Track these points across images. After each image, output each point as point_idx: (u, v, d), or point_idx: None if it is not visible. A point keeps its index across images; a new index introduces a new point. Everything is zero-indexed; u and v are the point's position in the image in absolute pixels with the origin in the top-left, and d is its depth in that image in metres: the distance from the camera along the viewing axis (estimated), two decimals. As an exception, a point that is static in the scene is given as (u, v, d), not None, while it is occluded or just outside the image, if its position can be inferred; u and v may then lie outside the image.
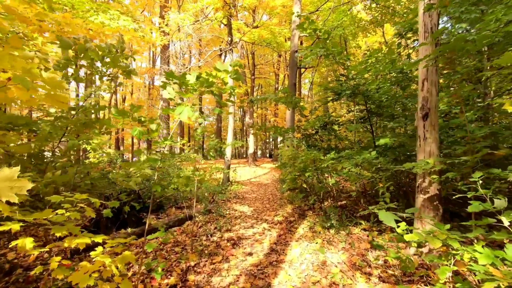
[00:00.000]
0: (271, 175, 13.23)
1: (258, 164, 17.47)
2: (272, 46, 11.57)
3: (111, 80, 3.27)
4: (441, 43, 3.29)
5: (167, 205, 6.34)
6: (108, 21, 6.11)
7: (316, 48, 4.61)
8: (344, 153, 4.86)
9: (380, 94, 4.67)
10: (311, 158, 4.52)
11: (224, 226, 4.97)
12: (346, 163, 4.49)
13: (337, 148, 6.07)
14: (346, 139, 5.80)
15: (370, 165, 4.30)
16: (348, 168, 4.32)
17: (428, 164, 3.00)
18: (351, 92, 4.76)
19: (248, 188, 9.51)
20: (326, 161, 4.64)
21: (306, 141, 5.91)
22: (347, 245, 3.90)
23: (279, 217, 5.51)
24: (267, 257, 3.66)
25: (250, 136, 18.36)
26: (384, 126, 4.98)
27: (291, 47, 10.70)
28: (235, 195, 8.08)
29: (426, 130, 3.26)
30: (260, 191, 8.99)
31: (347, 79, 4.99)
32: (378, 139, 4.59)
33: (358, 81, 4.89)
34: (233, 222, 5.33)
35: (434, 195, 3.19)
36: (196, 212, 5.59)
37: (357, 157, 4.54)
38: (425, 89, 3.29)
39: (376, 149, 4.71)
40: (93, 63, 3.07)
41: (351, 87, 4.84)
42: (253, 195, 8.19)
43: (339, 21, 9.38)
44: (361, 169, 4.26)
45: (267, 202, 7.22)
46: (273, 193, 8.49)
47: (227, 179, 9.38)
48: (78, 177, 3.62)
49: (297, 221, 5.22)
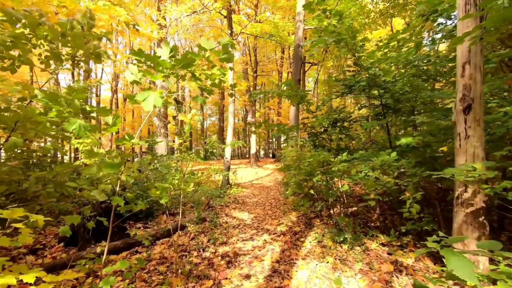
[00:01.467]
0: (274, 176, 12.57)
1: (261, 165, 16.83)
2: (275, 39, 10.89)
3: (74, 64, 2.64)
4: (486, 17, 2.61)
5: (158, 212, 5.72)
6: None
7: (326, 32, 3.94)
8: (357, 154, 4.20)
9: (401, 86, 3.99)
10: (320, 160, 3.86)
11: (219, 238, 4.33)
12: (361, 166, 3.83)
13: (347, 148, 5.41)
14: (358, 139, 5.14)
15: (390, 169, 3.63)
16: (365, 172, 3.66)
17: (475, 171, 2.32)
18: (366, 84, 4.09)
19: (249, 191, 8.87)
20: (337, 164, 3.98)
21: (312, 140, 5.24)
22: (365, 265, 3.24)
23: (282, 227, 4.85)
24: (268, 281, 3.01)
25: (252, 136, 17.72)
26: (405, 123, 4.29)
27: (295, 41, 10.04)
28: (234, 199, 7.44)
29: (468, 126, 2.59)
30: (262, 195, 8.34)
31: (361, 69, 4.32)
32: (398, 139, 3.91)
33: (374, 71, 4.21)
34: (230, 232, 4.69)
35: (480, 208, 2.51)
36: (188, 220, 4.95)
37: (374, 159, 3.87)
38: (467, 75, 2.61)
39: (396, 149, 4.04)
40: (50, 41, 2.45)
41: (365, 78, 4.17)
42: (254, 200, 7.54)
43: (347, 10, 8.70)
44: (380, 174, 3.59)
45: (269, 207, 6.57)
46: (275, 197, 7.84)
47: (226, 181, 8.75)
48: (39, 184, 2.99)
49: (303, 232, 4.56)
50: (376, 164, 3.68)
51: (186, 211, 6.02)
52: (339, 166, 3.95)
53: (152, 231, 4.48)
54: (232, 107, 9.16)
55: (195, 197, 6.90)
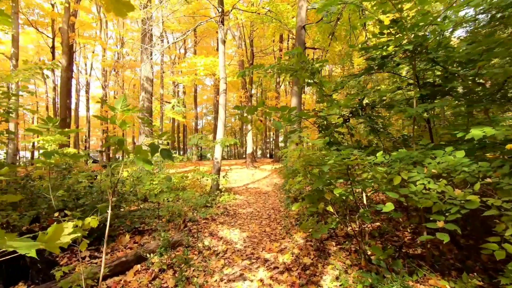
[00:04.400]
0: (272, 179, 11.18)
1: (258, 166, 15.44)
2: (273, 15, 9.39)
3: None
4: None
5: (118, 230, 4.30)
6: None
7: None
8: (397, 153, 2.81)
9: (471, 50, 2.61)
10: (345, 163, 2.48)
11: (194, 278, 2.93)
12: (406, 172, 2.45)
13: (370, 146, 4.03)
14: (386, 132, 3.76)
15: (459, 177, 2.26)
16: (420, 182, 2.29)
17: None
18: (413, 49, 2.71)
19: (243, 198, 7.46)
20: (370, 169, 2.61)
21: (325, 135, 3.86)
22: None
23: (286, 256, 3.46)
24: None
25: (249, 134, 16.34)
26: (468, 109, 2.91)
27: (297, 22, 8.66)
28: (224, 210, 6.04)
29: None
30: (258, 203, 6.94)
31: (400, 30, 2.93)
32: (466, 131, 2.54)
33: (419, 32, 2.84)
34: (211, 265, 3.29)
35: None
36: (156, 246, 3.54)
37: (429, 162, 2.51)
38: None
39: (460, 146, 2.67)
40: None
41: (410, 40, 2.79)
42: (249, 210, 6.14)
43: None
44: (446, 184, 2.22)
45: (267, 222, 5.18)
46: (275, 206, 6.45)
47: (216, 186, 7.33)
48: None
49: (316, 266, 3.18)
50: (438, 169, 2.31)
51: (159, 227, 4.61)
52: (373, 171, 2.58)
53: (96, 268, 3.06)
54: (223, 98, 7.75)
55: (174, 208, 5.49)
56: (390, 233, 4.13)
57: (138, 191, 6.33)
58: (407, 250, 3.67)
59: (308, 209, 2.88)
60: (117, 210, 5.14)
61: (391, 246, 3.68)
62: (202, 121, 40.06)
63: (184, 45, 26.39)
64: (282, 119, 2.87)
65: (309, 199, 2.99)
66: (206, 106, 39.21)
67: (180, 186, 7.56)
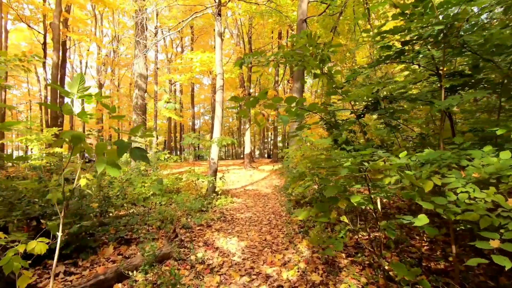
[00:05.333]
0: (271, 180, 10.73)
1: (256, 166, 14.98)
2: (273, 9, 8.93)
3: None
4: None
5: (101, 240, 3.82)
6: None
7: None
8: (424, 154, 2.37)
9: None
10: (371, 167, 2.04)
11: (183, 301, 2.47)
12: (447, 177, 2.02)
13: (387, 145, 3.60)
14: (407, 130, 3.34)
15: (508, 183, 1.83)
16: (463, 190, 1.85)
17: None
18: (444, 29, 2.27)
19: (241, 201, 7.00)
20: (393, 173, 2.17)
21: (333, 133, 3.42)
22: None
23: (291, 272, 3.00)
24: None
25: (247, 134, 15.89)
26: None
27: (298, 16, 8.24)
28: (221, 214, 5.58)
29: None
30: (257, 206, 6.49)
31: (425, 10, 2.50)
32: (503, 127, 2.12)
33: (449, 14, 2.41)
34: (205, 284, 2.83)
35: None
36: (141, 260, 3.07)
37: (469, 165, 2.08)
38: None
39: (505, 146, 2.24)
40: None
41: (440, 21, 2.35)
42: (247, 215, 5.69)
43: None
44: (495, 193, 1.79)
45: (268, 228, 4.73)
46: (275, 210, 6.00)
47: (212, 189, 6.86)
48: None
49: (327, 284, 2.73)
50: (483, 174, 1.88)
51: (148, 236, 4.14)
52: (397, 175, 2.13)
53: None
54: (220, 95, 7.28)
55: (166, 213, 5.02)
56: (405, 243, 3.71)
57: (129, 194, 5.85)
58: (427, 263, 3.24)
59: (318, 220, 2.43)
60: (103, 217, 4.67)
61: (409, 259, 3.26)
62: (199, 121, 39.57)
63: (181, 42, 25.88)
64: (288, 112, 2.42)
65: (319, 207, 2.54)
66: (204, 106, 38.65)
67: (174, 189, 7.09)
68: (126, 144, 1.23)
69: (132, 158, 1.22)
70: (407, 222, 2.09)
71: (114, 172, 1.24)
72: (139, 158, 1.25)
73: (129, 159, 8.98)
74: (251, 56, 3.00)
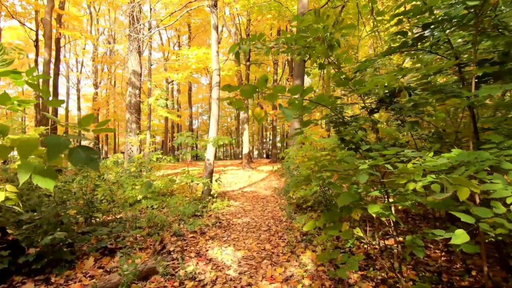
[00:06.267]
0: (271, 181, 10.34)
1: (254, 167, 14.58)
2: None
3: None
4: None
5: (80, 251, 3.40)
6: None
7: None
8: (454, 154, 1.98)
9: None
10: (407, 172, 1.66)
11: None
12: (488, 183, 1.64)
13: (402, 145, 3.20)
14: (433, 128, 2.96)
15: None
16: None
17: None
18: (477, 6, 1.90)
19: (238, 204, 6.60)
20: (418, 178, 1.78)
21: (339, 132, 3.03)
22: None
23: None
24: None
25: (245, 133, 15.51)
26: None
27: (299, 9, 7.87)
28: (216, 219, 5.17)
29: None
30: (255, 210, 6.09)
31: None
32: None
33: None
34: (194, 306, 2.43)
35: None
36: (120, 279, 2.66)
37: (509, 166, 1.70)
38: None
39: None
40: None
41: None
42: (245, 220, 5.29)
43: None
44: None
45: (267, 235, 4.33)
46: (274, 214, 5.60)
47: (207, 191, 6.46)
48: None
49: (336, 307, 2.34)
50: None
51: (136, 244, 3.73)
52: (425, 181, 1.74)
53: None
54: (216, 92, 6.88)
55: (156, 219, 4.62)
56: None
57: (116, 198, 5.44)
58: (448, 277, 2.86)
59: (328, 232, 2.05)
60: (86, 224, 4.26)
61: (427, 273, 2.88)
62: (197, 121, 39.12)
63: (178, 41, 25.45)
64: (292, 105, 2.03)
65: (328, 217, 2.15)
66: (202, 106, 38.19)
67: (167, 191, 6.69)
68: (63, 141, 0.84)
69: (72, 162, 0.84)
70: (440, 237, 1.70)
71: (46, 183, 0.84)
72: (82, 163, 0.86)
73: (120, 160, 8.54)
74: (249, 41, 2.61)
